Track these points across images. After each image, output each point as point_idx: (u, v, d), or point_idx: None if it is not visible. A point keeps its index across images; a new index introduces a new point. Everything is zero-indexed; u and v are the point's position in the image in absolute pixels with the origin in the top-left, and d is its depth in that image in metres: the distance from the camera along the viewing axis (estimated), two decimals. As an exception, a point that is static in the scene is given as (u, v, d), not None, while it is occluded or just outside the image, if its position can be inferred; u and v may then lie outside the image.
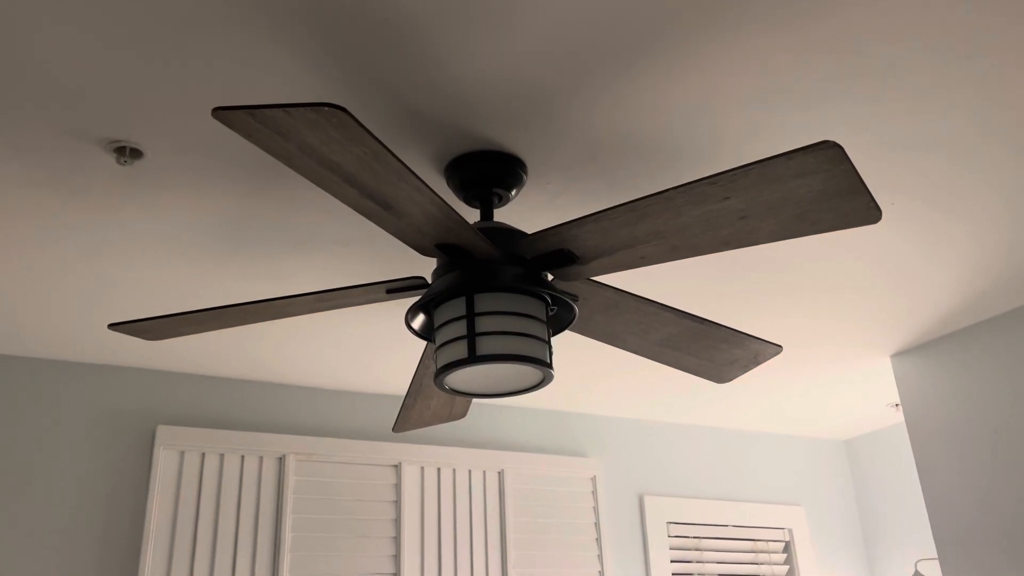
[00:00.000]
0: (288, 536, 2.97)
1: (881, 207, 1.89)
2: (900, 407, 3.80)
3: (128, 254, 2.20)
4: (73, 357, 2.89)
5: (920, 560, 3.72)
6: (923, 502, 3.90)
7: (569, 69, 1.60)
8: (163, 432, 2.91)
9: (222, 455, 2.99)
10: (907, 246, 2.35)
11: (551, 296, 1.73)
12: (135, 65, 1.52)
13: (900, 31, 1.54)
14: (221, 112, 1.20)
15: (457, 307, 1.68)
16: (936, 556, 3.67)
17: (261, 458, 3.05)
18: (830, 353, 3.14)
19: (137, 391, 2.98)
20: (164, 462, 2.90)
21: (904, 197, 2.10)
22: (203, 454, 2.97)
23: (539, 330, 1.69)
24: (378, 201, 1.45)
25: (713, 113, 1.75)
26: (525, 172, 1.89)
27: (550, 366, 1.68)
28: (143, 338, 1.89)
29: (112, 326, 1.80)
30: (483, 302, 1.66)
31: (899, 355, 3.18)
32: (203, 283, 2.38)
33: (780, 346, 2.08)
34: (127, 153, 1.77)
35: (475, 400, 3.50)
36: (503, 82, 1.63)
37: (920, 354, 3.10)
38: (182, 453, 2.94)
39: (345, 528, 3.08)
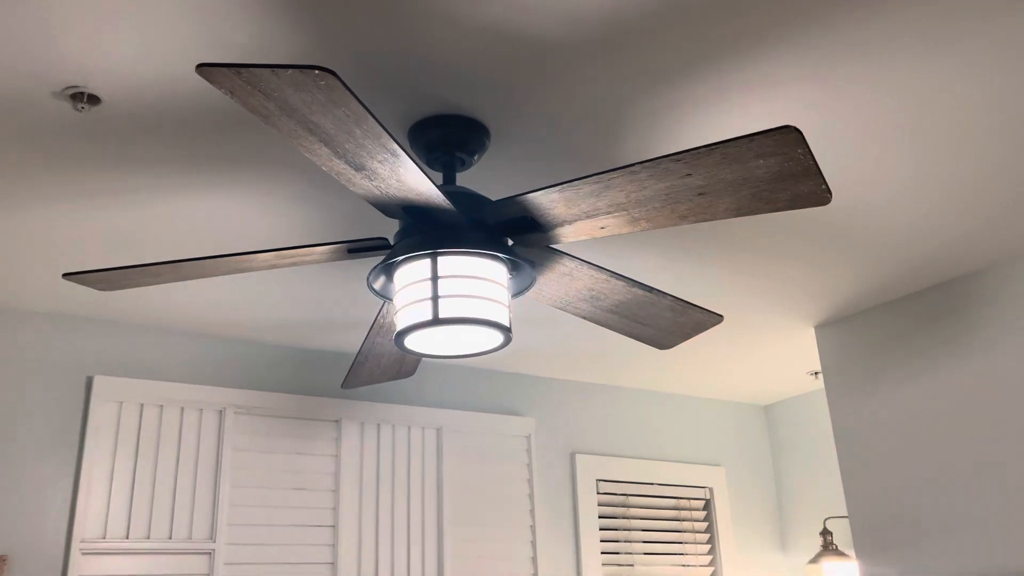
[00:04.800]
0: (227, 490, 2.98)
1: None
2: (819, 375, 4.01)
3: (81, 201, 2.15)
4: (4, 304, 2.81)
5: (828, 518, 3.96)
6: (832, 464, 4.14)
7: (540, 41, 1.63)
8: (100, 383, 2.87)
9: (161, 407, 2.97)
10: (838, 220, 2.48)
11: (511, 261, 1.78)
12: (94, 10, 1.49)
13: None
14: (205, 68, 1.20)
15: (420, 269, 1.72)
16: (843, 515, 3.92)
17: (201, 411, 3.03)
18: (758, 322, 3.29)
19: (72, 339, 2.92)
20: (100, 414, 2.86)
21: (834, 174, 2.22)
22: (141, 406, 2.94)
23: (500, 294, 1.74)
24: (351, 163, 1.47)
25: (675, 88, 1.81)
26: (488, 138, 1.93)
27: (510, 330, 1.73)
28: (97, 288, 1.86)
29: (67, 276, 1.77)
30: (447, 265, 1.70)
31: (823, 326, 3.35)
32: (158, 233, 2.35)
33: (721, 316, 2.18)
34: (84, 99, 1.73)
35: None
36: (473, 48, 1.65)
37: (843, 326, 3.28)
38: (120, 404, 2.90)
39: (284, 482, 3.10)
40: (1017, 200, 2.37)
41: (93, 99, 1.74)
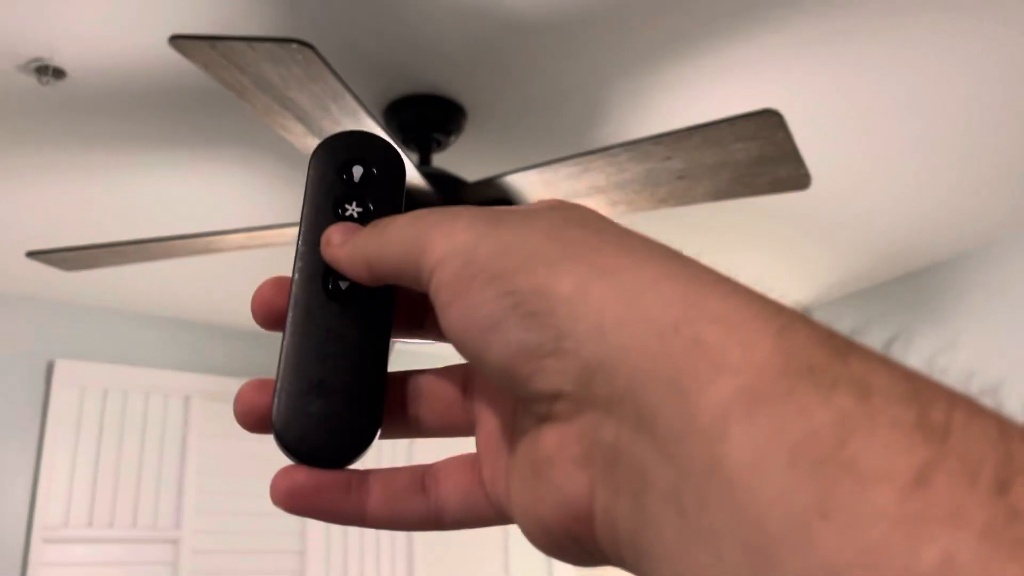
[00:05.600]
0: (193, 478, 2.93)
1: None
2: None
3: (46, 178, 2.09)
4: (-38, 286, 2.73)
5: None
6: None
7: (519, 20, 1.61)
8: (62, 367, 2.80)
9: (125, 393, 2.91)
10: (811, 209, 2.50)
11: (488, 244, 1.76)
12: (68, -20, 1.44)
13: None
14: (179, 40, 1.16)
15: (396, 251, 1.69)
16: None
17: (166, 397, 2.98)
18: (730, 310, 3.31)
19: (33, 322, 2.85)
20: (62, 399, 2.80)
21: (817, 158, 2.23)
22: (105, 391, 2.87)
23: (477, 277, 1.72)
24: (327, 141, 1.44)
25: (656, 70, 1.80)
26: (465, 118, 1.90)
27: (486, 313, 1.72)
28: (61, 268, 1.81)
29: (31, 254, 1.72)
30: (423, 247, 1.68)
31: (808, 311, 3.37)
32: (125, 212, 2.29)
33: (695, 301, 2.18)
34: (49, 73, 1.67)
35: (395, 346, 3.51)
36: (451, 26, 1.62)
37: (815, 315, 3.30)
38: (82, 389, 2.84)
39: (252, 470, 3.06)
40: (989, 190, 2.40)
41: (58, 73, 1.68)
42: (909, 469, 0.16)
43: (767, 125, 1.38)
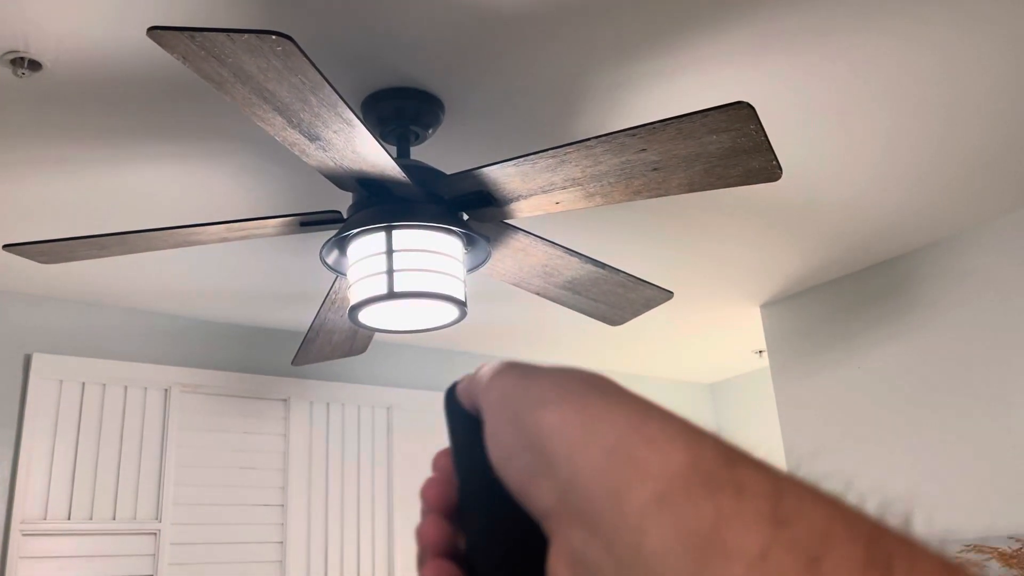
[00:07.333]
0: (173, 470, 2.93)
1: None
2: (763, 354, 4.10)
3: (22, 170, 2.09)
4: (-63, 280, 2.71)
5: (771, 493, 4.07)
6: (776, 441, 4.24)
7: (497, 13, 1.63)
8: (39, 361, 2.79)
9: (104, 386, 2.90)
10: (783, 200, 2.54)
11: (466, 236, 1.78)
12: (45, -28, 1.44)
13: None
14: (157, 32, 1.17)
15: (375, 243, 1.71)
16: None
17: (145, 389, 2.97)
18: (705, 301, 3.35)
19: (10, 315, 2.83)
20: (40, 393, 2.78)
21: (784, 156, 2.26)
22: (83, 384, 2.87)
23: (455, 268, 1.74)
24: (305, 132, 1.45)
25: (632, 63, 1.82)
26: (443, 111, 1.92)
27: (465, 304, 1.74)
28: (39, 261, 1.81)
29: (7, 247, 1.72)
30: (401, 239, 1.70)
31: (768, 305, 3.42)
32: (102, 204, 2.28)
33: (671, 292, 2.22)
34: (25, 65, 1.67)
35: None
36: (428, 18, 1.64)
37: (787, 304, 3.35)
38: (60, 383, 2.83)
39: (232, 462, 3.06)
40: (956, 181, 2.45)
41: (34, 64, 1.68)
42: (756, 548, 0.24)
43: (739, 117, 1.41)
